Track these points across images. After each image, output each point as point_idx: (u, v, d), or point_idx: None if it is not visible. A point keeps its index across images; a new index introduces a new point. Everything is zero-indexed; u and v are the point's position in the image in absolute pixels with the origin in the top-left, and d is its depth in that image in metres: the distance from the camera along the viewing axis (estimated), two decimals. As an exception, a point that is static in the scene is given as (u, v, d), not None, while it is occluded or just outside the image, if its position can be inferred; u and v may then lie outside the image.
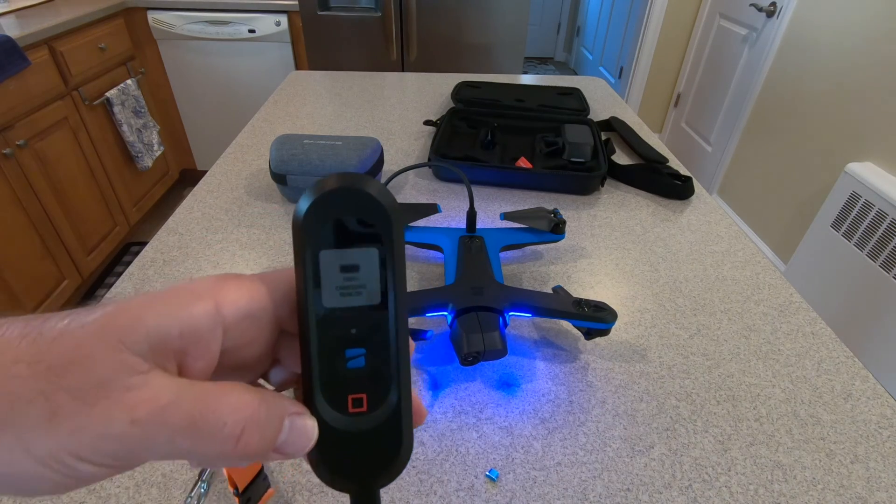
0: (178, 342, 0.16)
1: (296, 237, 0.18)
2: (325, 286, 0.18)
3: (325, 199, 0.17)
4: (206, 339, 0.17)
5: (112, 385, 0.15)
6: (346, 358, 0.19)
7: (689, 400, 0.48)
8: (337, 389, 0.19)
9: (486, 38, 1.93)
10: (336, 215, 0.18)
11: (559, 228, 0.62)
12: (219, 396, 0.16)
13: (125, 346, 0.15)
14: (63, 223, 1.69)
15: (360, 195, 0.18)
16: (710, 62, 2.65)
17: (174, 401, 0.15)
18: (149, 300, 0.17)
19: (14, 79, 1.46)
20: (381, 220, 0.18)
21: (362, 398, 0.19)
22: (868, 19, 1.68)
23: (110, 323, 0.15)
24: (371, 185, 0.18)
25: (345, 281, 0.18)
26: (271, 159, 0.74)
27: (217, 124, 2.35)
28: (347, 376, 0.19)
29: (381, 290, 0.19)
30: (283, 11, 2.05)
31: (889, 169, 1.59)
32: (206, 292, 0.17)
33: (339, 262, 0.18)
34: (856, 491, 0.41)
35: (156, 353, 0.16)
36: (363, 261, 0.18)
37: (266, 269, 0.63)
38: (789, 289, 0.63)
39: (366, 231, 0.18)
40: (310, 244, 0.18)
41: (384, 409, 0.19)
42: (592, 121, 0.96)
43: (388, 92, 1.21)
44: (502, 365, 0.51)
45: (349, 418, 0.19)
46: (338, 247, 0.18)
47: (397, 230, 0.18)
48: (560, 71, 4.52)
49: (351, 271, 0.18)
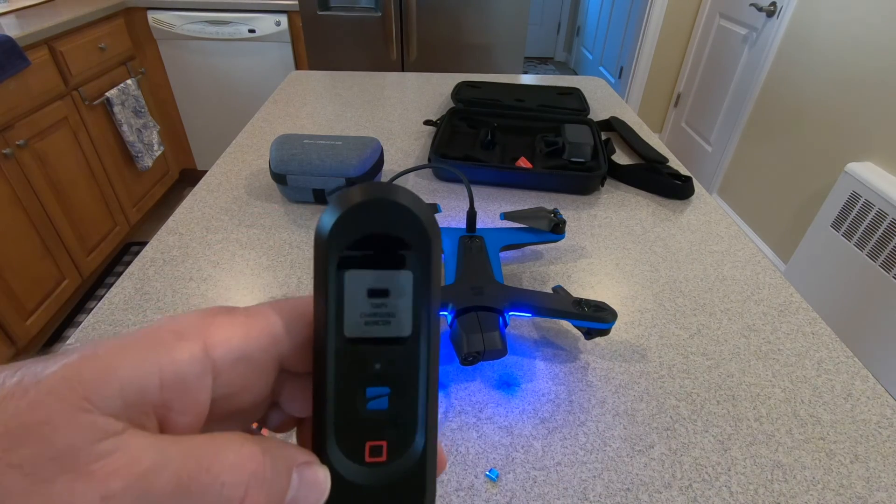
0: (158, 395, 0.13)
1: (318, 254, 0.15)
2: (348, 313, 0.16)
3: (356, 211, 0.15)
4: (193, 390, 0.14)
5: (76, 455, 0.12)
6: (366, 398, 0.16)
7: (689, 400, 0.48)
8: (354, 435, 0.16)
9: (486, 38, 1.93)
10: (367, 230, 0.15)
11: (559, 228, 0.62)
12: (213, 452, 0.14)
13: (92, 404, 0.12)
14: (63, 223, 1.69)
15: (395, 208, 0.15)
16: (710, 62, 2.65)
17: (157, 463, 0.12)
18: (121, 345, 0.14)
19: (14, 79, 1.46)
20: (419, 240, 0.15)
21: (382, 446, 0.16)
22: (868, 19, 1.68)
23: (73, 376, 0.12)
24: (407, 196, 0.15)
25: (372, 307, 0.16)
26: (271, 159, 0.74)
27: (217, 124, 2.35)
28: (367, 420, 0.16)
29: (412, 321, 0.16)
30: (283, 11, 2.05)
31: (889, 169, 1.59)
32: (192, 331, 0.15)
33: (367, 286, 0.16)
34: (856, 491, 0.41)
35: (132, 410, 0.13)
36: (395, 285, 0.16)
37: (266, 268, 0.63)
38: (789, 289, 0.63)
39: (400, 251, 0.16)
40: (335, 262, 0.15)
41: (406, 459, 0.16)
42: (592, 121, 0.96)
43: (388, 92, 1.21)
44: (502, 365, 0.51)
45: (365, 469, 0.16)
46: (367, 267, 0.15)
47: (436, 252, 0.16)
48: (560, 71, 4.52)
49: (380, 296, 0.16)
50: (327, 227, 0.15)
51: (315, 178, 0.73)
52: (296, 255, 0.66)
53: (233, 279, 0.61)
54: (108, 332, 0.53)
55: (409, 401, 0.16)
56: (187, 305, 0.57)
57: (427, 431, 0.17)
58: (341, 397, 0.16)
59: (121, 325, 0.54)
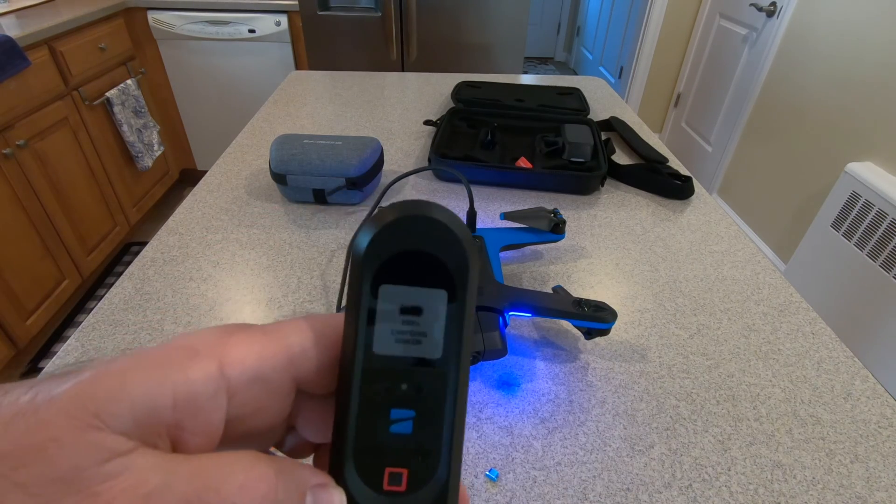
0: (171, 414, 0.13)
1: (354, 267, 0.15)
2: (379, 328, 0.15)
3: (395, 227, 0.15)
4: (206, 410, 0.14)
5: (83, 476, 0.11)
6: (390, 420, 0.16)
7: (689, 400, 0.48)
8: (374, 459, 0.16)
9: (486, 38, 1.93)
10: (406, 246, 0.15)
11: (559, 228, 0.62)
12: (223, 472, 0.13)
13: (103, 423, 0.12)
14: (63, 223, 1.69)
15: (435, 226, 0.15)
16: (710, 62, 2.65)
17: (164, 484, 0.12)
18: (135, 362, 0.13)
19: (14, 79, 1.46)
20: (457, 259, 0.15)
21: (402, 474, 0.16)
22: (868, 19, 1.68)
23: (84, 394, 0.12)
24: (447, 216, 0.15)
25: (403, 324, 0.16)
26: (271, 159, 0.74)
27: (217, 124, 2.35)
28: (388, 444, 0.16)
29: (443, 342, 0.16)
30: (283, 11, 2.05)
31: (889, 169, 1.59)
32: (207, 350, 0.14)
33: (400, 302, 0.15)
34: (856, 491, 0.41)
35: (143, 430, 0.13)
36: (428, 303, 0.16)
37: (266, 268, 0.63)
38: (789, 289, 0.63)
39: (437, 269, 0.15)
40: (370, 276, 0.15)
41: (427, 491, 0.16)
42: (592, 121, 0.96)
43: (388, 92, 1.21)
44: (502, 365, 0.51)
45: (383, 498, 0.15)
46: (402, 283, 0.15)
47: (473, 273, 0.16)
48: (560, 71, 4.52)
49: (412, 314, 0.16)
50: (365, 240, 0.15)
51: (315, 178, 0.73)
52: (296, 255, 0.66)
53: (233, 279, 0.61)
54: (109, 332, 0.53)
55: (433, 427, 0.16)
56: (187, 305, 0.57)
57: (451, 464, 0.16)
58: (364, 416, 0.16)
59: (121, 325, 0.54)
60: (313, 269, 0.64)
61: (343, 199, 0.76)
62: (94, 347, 0.52)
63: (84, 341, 0.52)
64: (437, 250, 0.15)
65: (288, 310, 0.57)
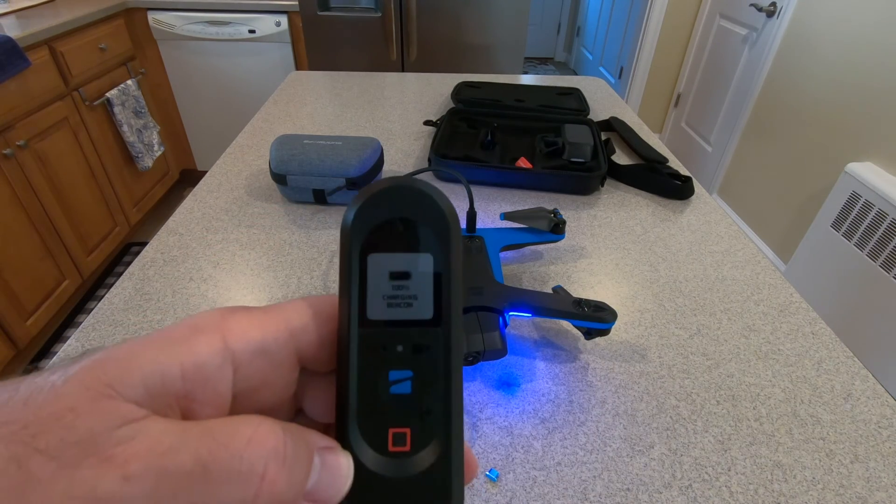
0: (180, 384, 0.14)
1: (343, 240, 0.16)
2: (371, 295, 0.16)
3: (378, 199, 0.16)
4: (213, 380, 0.15)
5: (99, 440, 0.12)
6: (389, 382, 0.16)
7: (689, 400, 0.48)
8: (376, 420, 0.16)
9: (486, 39, 1.93)
10: (389, 215, 0.16)
11: (559, 228, 0.62)
12: (231, 430, 0.14)
13: (116, 392, 0.13)
14: (63, 223, 1.69)
15: (415, 194, 0.16)
16: (710, 62, 2.65)
17: (176, 444, 0.13)
18: (144, 340, 0.14)
19: (14, 79, 1.46)
20: (439, 224, 0.16)
21: (405, 434, 0.16)
22: (868, 19, 1.68)
23: (98, 367, 0.13)
24: (426, 185, 0.16)
25: (394, 290, 0.16)
26: (271, 159, 0.74)
27: (217, 124, 2.35)
28: (390, 404, 0.16)
29: (433, 303, 0.16)
30: (283, 12, 2.05)
31: (889, 169, 1.59)
32: (212, 326, 0.15)
33: (388, 268, 0.16)
34: (856, 491, 0.41)
35: (154, 399, 0.13)
36: (416, 267, 0.16)
37: (266, 268, 0.63)
38: (789, 289, 0.63)
39: (421, 234, 0.16)
40: (358, 248, 0.16)
41: (431, 450, 0.16)
42: (592, 121, 0.96)
43: (388, 92, 1.21)
44: (502, 365, 0.51)
45: (389, 460, 0.16)
46: (388, 250, 0.16)
47: (455, 235, 0.16)
48: (560, 71, 4.52)
49: (401, 279, 0.16)
50: (351, 214, 0.16)
51: (315, 178, 0.73)
52: (296, 255, 0.66)
53: (233, 279, 0.61)
54: (109, 333, 0.53)
55: (431, 385, 0.16)
56: (187, 305, 0.57)
57: (451, 420, 0.16)
58: (364, 380, 0.16)
59: (121, 325, 0.54)
60: (313, 269, 0.64)
61: (343, 199, 0.76)
62: (94, 347, 0.52)
63: (84, 341, 0.52)
64: (419, 216, 0.16)
65: (288, 310, 0.57)
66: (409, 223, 0.16)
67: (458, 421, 0.16)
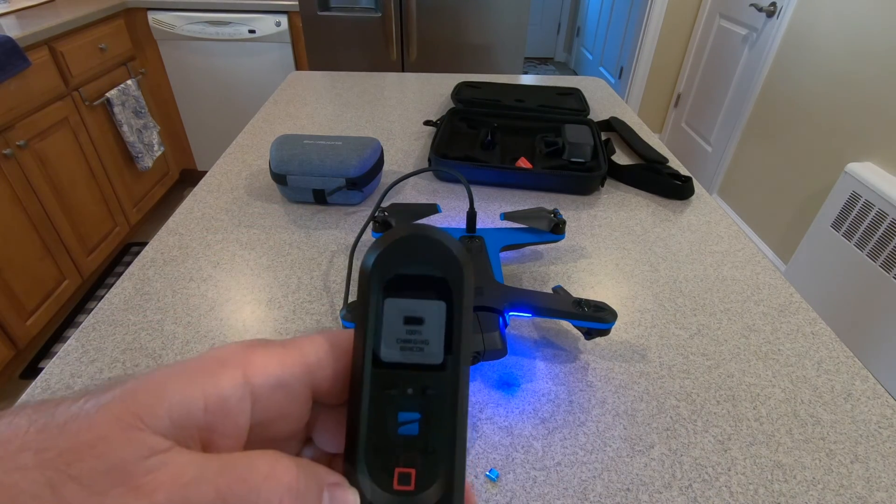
0: (202, 417, 0.15)
1: (362, 282, 0.17)
2: (385, 337, 0.17)
3: (399, 246, 0.17)
4: (234, 413, 0.15)
5: (127, 469, 0.13)
6: (398, 423, 0.17)
7: (689, 400, 0.48)
8: (384, 459, 0.17)
9: (486, 39, 1.93)
10: (407, 262, 0.17)
11: (559, 228, 0.62)
12: (250, 465, 0.15)
13: (144, 425, 0.14)
14: (63, 223, 1.69)
15: (433, 245, 0.17)
16: (710, 62, 2.65)
17: (198, 476, 0.14)
18: (171, 372, 0.15)
19: (14, 79, 1.46)
20: (453, 274, 0.17)
21: (411, 474, 0.17)
22: (868, 19, 1.68)
23: (129, 398, 0.14)
24: (445, 237, 0.17)
25: (407, 334, 0.17)
26: (271, 159, 0.74)
27: (217, 124, 2.35)
28: (397, 444, 0.17)
29: (443, 349, 0.17)
30: (283, 12, 2.05)
31: (889, 169, 1.59)
32: (234, 360, 0.16)
33: (403, 313, 0.17)
34: (856, 491, 0.41)
35: (178, 430, 0.14)
36: (429, 314, 0.17)
37: (266, 268, 0.63)
38: (789, 289, 0.63)
39: (436, 283, 0.17)
40: (377, 291, 0.17)
41: (435, 489, 0.17)
42: (592, 121, 0.96)
43: (388, 92, 1.21)
44: (502, 365, 0.51)
45: (393, 497, 0.17)
46: (405, 296, 0.17)
47: (468, 286, 0.17)
48: (560, 71, 4.52)
49: (415, 324, 0.17)
50: (371, 259, 0.17)
51: (315, 178, 0.73)
52: (296, 255, 0.66)
53: (233, 279, 0.61)
54: (109, 333, 0.53)
55: (438, 428, 0.17)
56: (187, 306, 0.57)
57: (455, 462, 0.17)
58: (374, 419, 0.17)
59: (121, 325, 0.54)
60: (313, 269, 0.64)
61: (343, 199, 0.76)
62: (94, 347, 0.52)
63: (84, 341, 0.52)
64: (436, 266, 0.17)
65: (288, 310, 0.57)
66: (427, 271, 0.17)
67: (461, 464, 0.17)
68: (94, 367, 0.49)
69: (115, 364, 0.50)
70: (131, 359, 0.51)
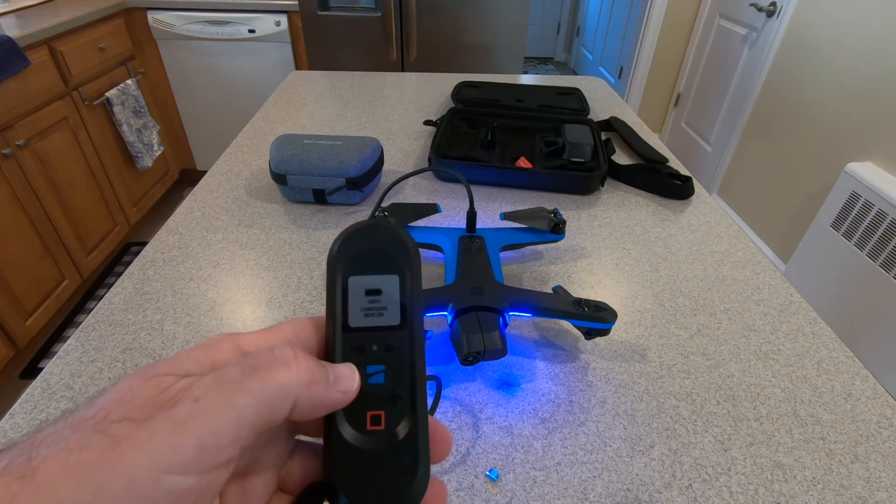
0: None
1: (329, 267, 0.21)
2: (351, 308, 0.21)
3: (354, 235, 0.21)
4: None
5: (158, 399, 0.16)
6: (367, 374, 0.20)
7: (689, 400, 0.48)
8: (357, 406, 0.20)
9: (486, 38, 1.93)
10: (363, 248, 0.21)
11: (559, 228, 0.62)
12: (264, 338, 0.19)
13: (161, 373, 0.17)
14: (63, 223, 1.69)
15: (383, 231, 0.21)
16: (710, 62, 2.65)
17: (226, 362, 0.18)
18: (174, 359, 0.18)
19: (14, 79, 1.46)
20: (401, 252, 0.21)
21: (381, 415, 0.20)
22: (868, 19, 1.68)
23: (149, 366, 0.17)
24: (392, 224, 0.22)
25: (369, 303, 0.21)
26: (271, 159, 0.74)
27: (217, 124, 2.35)
28: (367, 393, 0.20)
29: (400, 312, 0.21)
30: (283, 11, 2.05)
31: (889, 169, 1.59)
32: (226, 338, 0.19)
33: (364, 287, 0.21)
34: (856, 491, 0.41)
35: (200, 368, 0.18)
36: (385, 286, 0.21)
37: (266, 268, 0.63)
38: (789, 289, 0.63)
39: (388, 261, 0.21)
40: (341, 271, 0.21)
41: (402, 427, 0.20)
42: (592, 121, 0.96)
43: (388, 92, 1.21)
44: (502, 365, 0.51)
45: (367, 437, 0.19)
46: (364, 273, 0.21)
47: (415, 261, 0.21)
48: (560, 71, 4.52)
49: (374, 294, 0.21)
50: (335, 247, 0.21)
51: (315, 178, 0.73)
52: (296, 255, 0.66)
53: (233, 279, 0.61)
54: (109, 332, 0.53)
55: (401, 376, 0.20)
56: (187, 305, 0.57)
57: (417, 401, 0.20)
58: None
59: (121, 325, 0.54)
60: (313, 269, 0.64)
61: (343, 199, 0.76)
62: (94, 347, 0.52)
63: (84, 341, 0.52)
64: (387, 247, 0.21)
65: (288, 310, 0.57)
66: (380, 252, 0.21)
67: (423, 403, 0.20)
68: (94, 367, 0.49)
69: (115, 364, 0.50)
70: (131, 359, 0.50)
